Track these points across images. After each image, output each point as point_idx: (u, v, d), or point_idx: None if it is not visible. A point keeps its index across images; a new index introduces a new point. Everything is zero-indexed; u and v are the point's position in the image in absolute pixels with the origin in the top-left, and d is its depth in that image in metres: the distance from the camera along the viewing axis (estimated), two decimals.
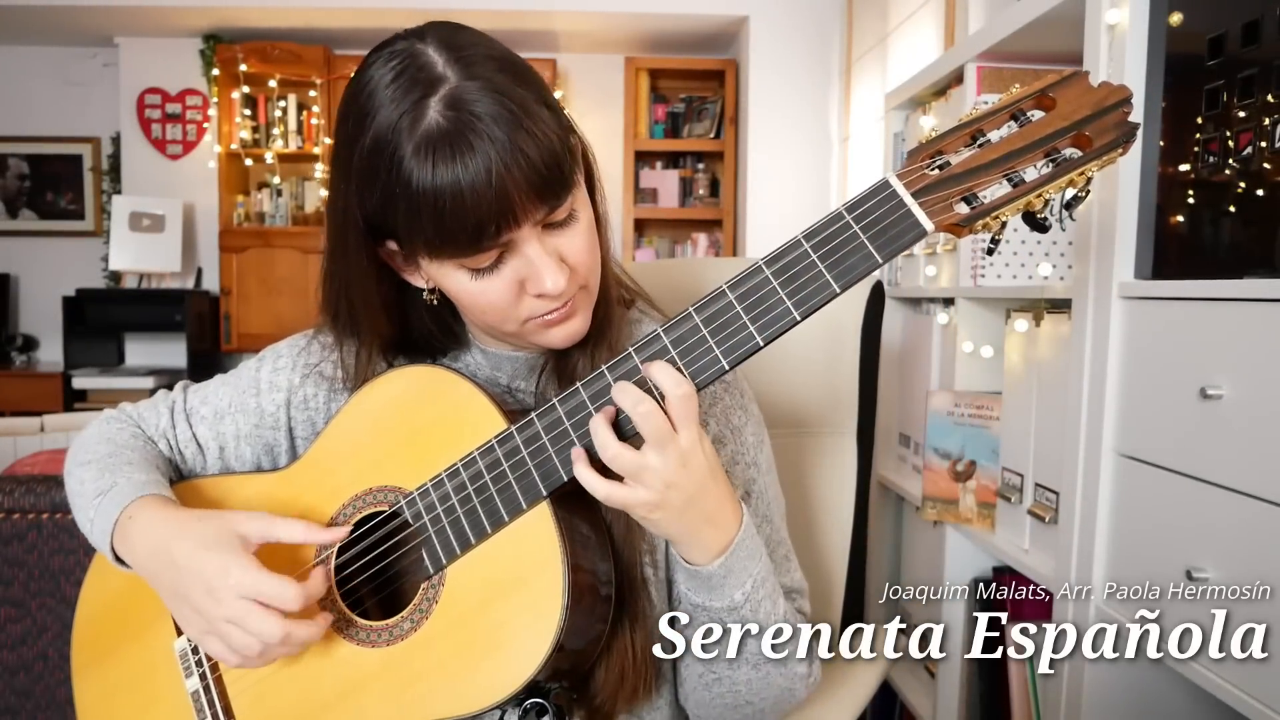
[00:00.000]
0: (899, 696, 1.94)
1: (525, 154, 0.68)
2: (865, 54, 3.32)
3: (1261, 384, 0.92)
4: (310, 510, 0.83)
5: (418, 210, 0.69)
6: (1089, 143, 0.65)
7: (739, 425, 0.87)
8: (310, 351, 0.92)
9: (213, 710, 0.83)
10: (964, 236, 0.69)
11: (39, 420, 2.50)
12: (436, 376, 0.81)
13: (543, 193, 0.70)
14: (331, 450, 0.84)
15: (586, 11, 3.92)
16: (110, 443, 0.90)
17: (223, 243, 4.33)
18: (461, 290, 0.76)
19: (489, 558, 0.74)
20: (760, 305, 0.68)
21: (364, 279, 0.80)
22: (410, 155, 0.68)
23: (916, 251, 1.90)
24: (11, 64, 4.55)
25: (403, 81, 0.70)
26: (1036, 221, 0.68)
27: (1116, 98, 0.66)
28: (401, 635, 0.77)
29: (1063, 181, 0.66)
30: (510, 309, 0.76)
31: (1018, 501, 1.44)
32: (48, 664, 1.51)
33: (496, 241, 0.71)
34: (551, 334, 0.79)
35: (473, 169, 0.67)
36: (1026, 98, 0.67)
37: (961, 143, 0.68)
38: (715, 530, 0.73)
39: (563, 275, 0.73)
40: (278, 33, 4.22)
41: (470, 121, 0.68)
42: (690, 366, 0.69)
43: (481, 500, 0.75)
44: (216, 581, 0.74)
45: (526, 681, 0.70)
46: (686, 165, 4.46)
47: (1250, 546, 0.93)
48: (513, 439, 0.74)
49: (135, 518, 0.80)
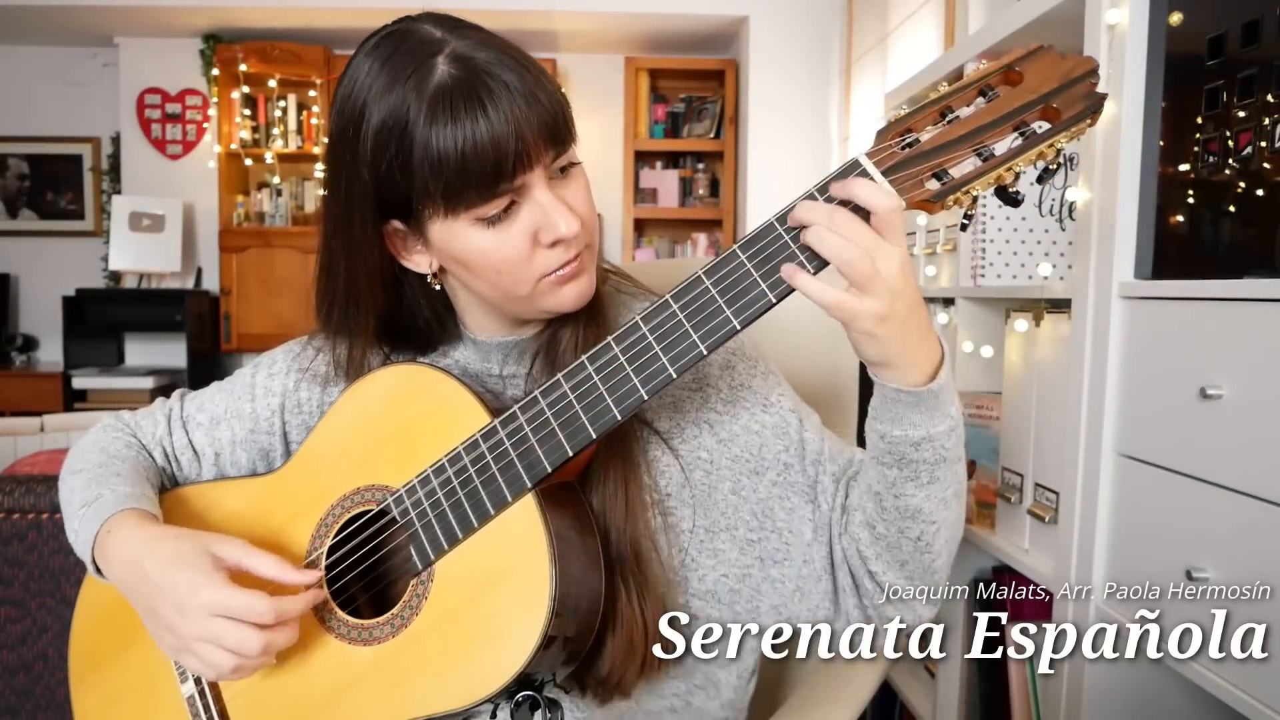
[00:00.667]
0: (899, 696, 1.94)
1: (536, 97, 0.72)
2: (865, 54, 3.32)
3: (1261, 384, 0.92)
4: (298, 513, 0.83)
5: (437, 164, 0.71)
6: (1057, 115, 0.66)
7: (775, 371, 0.90)
8: (304, 356, 0.92)
9: (208, 715, 0.83)
10: (935, 212, 0.69)
11: (39, 420, 2.50)
12: (419, 374, 0.81)
13: (553, 134, 0.73)
14: (319, 452, 0.85)
15: (586, 11, 3.92)
16: (103, 452, 0.90)
17: (223, 243, 4.33)
18: (474, 249, 0.76)
19: (476, 552, 0.75)
20: (736, 288, 0.69)
21: (368, 257, 0.80)
22: (424, 113, 0.71)
23: (916, 251, 1.90)
24: (11, 64, 4.55)
25: (402, 52, 0.73)
26: (1008, 195, 0.69)
27: (1083, 69, 0.66)
28: (392, 632, 0.77)
29: (1032, 154, 0.66)
30: (525, 265, 0.76)
31: (1018, 501, 1.44)
32: (48, 664, 1.51)
33: (512, 184, 0.73)
34: (563, 292, 0.79)
35: (493, 113, 0.70)
36: (994, 73, 0.68)
37: (930, 120, 0.68)
38: (928, 345, 0.72)
39: (575, 220, 0.75)
40: (278, 33, 4.22)
41: (483, 69, 0.71)
42: (669, 352, 0.70)
43: (467, 494, 0.75)
44: (187, 599, 0.74)
45: (517, 673, 0.70)
46: (686, 165, 4.46)
47: (1250, 546, 0.93)
48: (496, 433, 0.75)
49: (114, 531, 0.80)
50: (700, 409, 0.86)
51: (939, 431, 0.74)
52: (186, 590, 0.74)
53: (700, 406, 0.86)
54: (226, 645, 0.73)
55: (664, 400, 0.85)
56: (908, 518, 0.79)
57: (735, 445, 0.85)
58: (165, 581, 0.75)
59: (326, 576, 0.81)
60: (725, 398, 0.86)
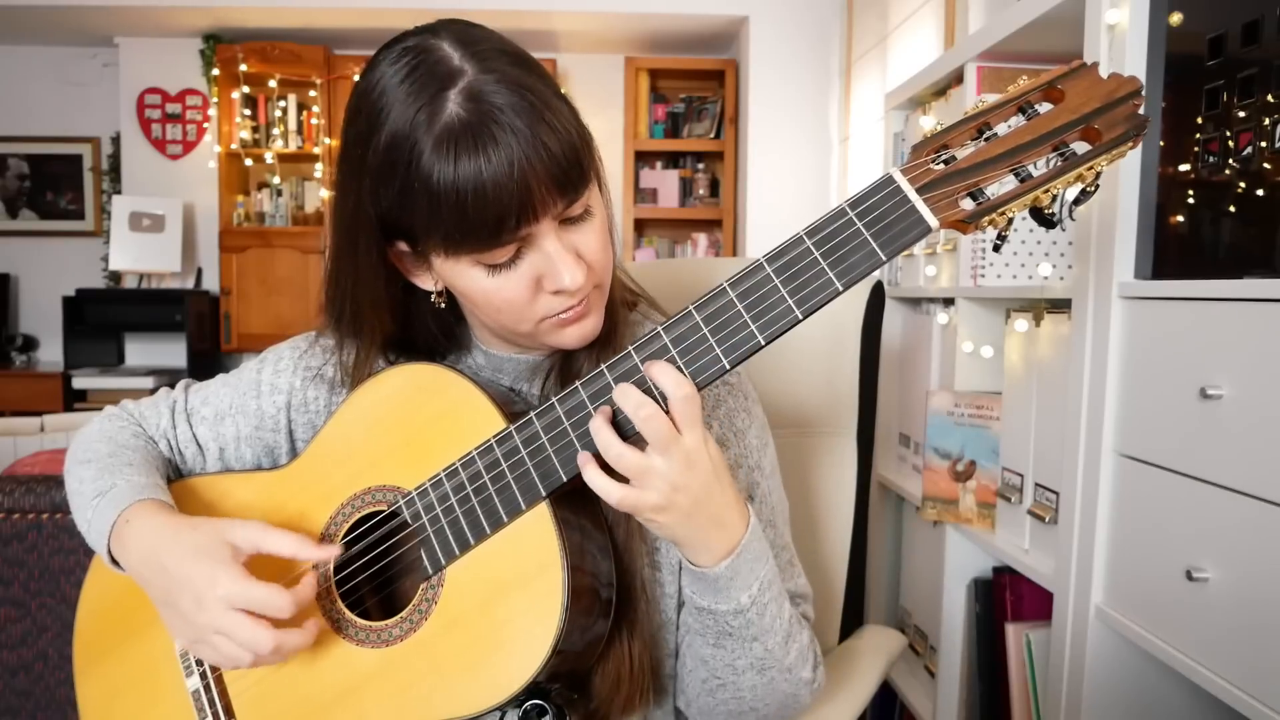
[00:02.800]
0: (899, 696, 1.94)
1: (546, 146, 0.67)
2: (865, 54, 3.32)
3: (1261, 384, 0.92)
4: (308, 510, 0.83)
5: (438, 204, 0.68)
6: (1098, 136, 0.64)
7: (742, 428, 0.87)
8: (312, 354, 0.91)
9: (213, 709, 0.83)
10: (969, 233, 0.67)
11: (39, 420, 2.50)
12: (435, 375, 0.80)
13: (563, 185, 0.69)
14: (330, 449, 0.84)
15: (586, 12, 3.92)
16: (111, 441, 0.89)
17: (223, 243, 4.33)
18: (476, 289, 0.74)
19: (488, 558, 0.74)
20: (762, 303, 0.67)
21: (373, 279, 0.79)
22: (430, 149, 0.67)
23: (917, 251, 1.90)
24: (11, 64, 4.55)
25: (418, 76, 0.69)
26: (1044, 217, 0.67)
27: (1127, 89, 0.64)
28: (401, 636, 0.76)
29: (1071, 176, 0.64)
30: (526, 307, 0.75)
31: (1018, 501, 1.44)
32: (48, 664, 1.51)
33: (516, 235, 0.70)
34: (566, 333, 0.78)
35: (496, 161, 0.66)
36: (1034, 90, 0.65)
37: (968, 136, 0.66)
38: (721, 532, 0.72)
39: (580, 271, 0.72)
40: (278, 33, 4.22)
41: (491, 113, 0.67)
42: (691, 365, 0.68)
43: (480, 501, 0.74)
44: (205, 591, 0.73)
45: (527, 683, 0.70)
46: (686, 165, 4.46)
47: (1250, 546, 0.93)
48: (511, 439, 0.73)
49: (131, 522, 0.79)
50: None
51: (723, 610, 0.75)
52: (205, 583, 0.73)
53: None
54: (240, 639, 0.73)
55: None
56: (696, 659, 0.80)
57: None
58: (183, 573, 0.75)
59: (336, 578, 0.81)
60: (715, 435, 0.85)
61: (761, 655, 0.77)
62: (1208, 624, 0.99)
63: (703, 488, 0.69)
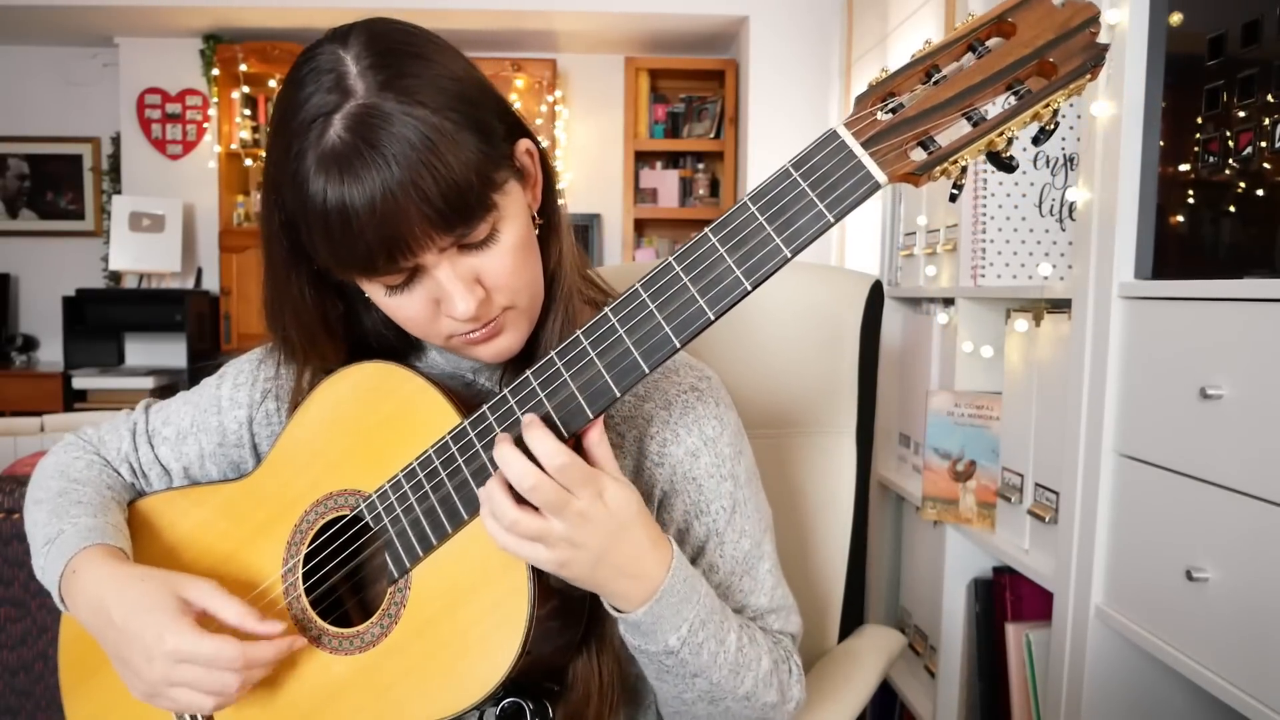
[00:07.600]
0: (899, 696, 1.94)
1: (419, 186, 0.63)
2: (865, 54, 3.32)
3: (1261, 384, 0.92)
4: (271, 521, 0.82)
5: (316, 226, 0.66)
6: (1054, 70, 0.59)
7: (714, 436, 0.83)
8: (268, 365, 0.89)
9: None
10: (922, 185, 0.63)
11: (39, 420, 2.50)
12: (386, 372, 0.78)
13: (447, 221, 0.66)
14: (290, 455, 0.83)
15: (586, 11, 3.92)
16: (63, 476, 0.87)
17: (223, 243, 4.33)
18: (381, 303, 0.73)
19: (453, 558, 0.73)
20: (708, 275, 0.64)
21: (299, 302, 0.76)
22: (312, 170, 0.65)
23: (917, 251, 1.90)
24: (11, 64, 4.55)
25: (316, 89, 0.66)
26: (1002, 161, 0.63)
27: (1083, 16, 0.59)
28: (373, 641, 0.76)
29: (1027, 115, 0.60)
30: (429, 325, 0.73)
31: (1018, 501, 1.44)
32: (48, 664, 1.51)
33: (395, 267, 0.67)
34: (479, 351, 0.75)
35: (359, 196, 0.63)
36: (984, 25, 0.61)
37: (915, 81, 0.61)
38: (633, 581, 0.69)
39: (474, 299, 0.69)
40: (278, 33, 4.22)
41: (364, 146, 0.63)
42: (641, 346, 0.65)
43: (439, 499, 0.72)
44: (153, 647, 0.72)
45: (498, 684, 0.69)
46: (686, 165, 4.46)
47: (1250, 546, 0.93)
48: (466, 434, 0.71)
49: (78, 572, 0.77)
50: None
51: (654, 651, 0.72)
52: (153, 638, 0.72)
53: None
54: (204, 689, 0.72)
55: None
56: (652, 685, 0.79)
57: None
58: (131, 628, 0.73)
59: (305, 585, 0.80)
60: (686, 444, 0.82)
61: (707, 689, 0.75)
62: (1208, 624, 0.99)
63: (602, 544, 0.66)
